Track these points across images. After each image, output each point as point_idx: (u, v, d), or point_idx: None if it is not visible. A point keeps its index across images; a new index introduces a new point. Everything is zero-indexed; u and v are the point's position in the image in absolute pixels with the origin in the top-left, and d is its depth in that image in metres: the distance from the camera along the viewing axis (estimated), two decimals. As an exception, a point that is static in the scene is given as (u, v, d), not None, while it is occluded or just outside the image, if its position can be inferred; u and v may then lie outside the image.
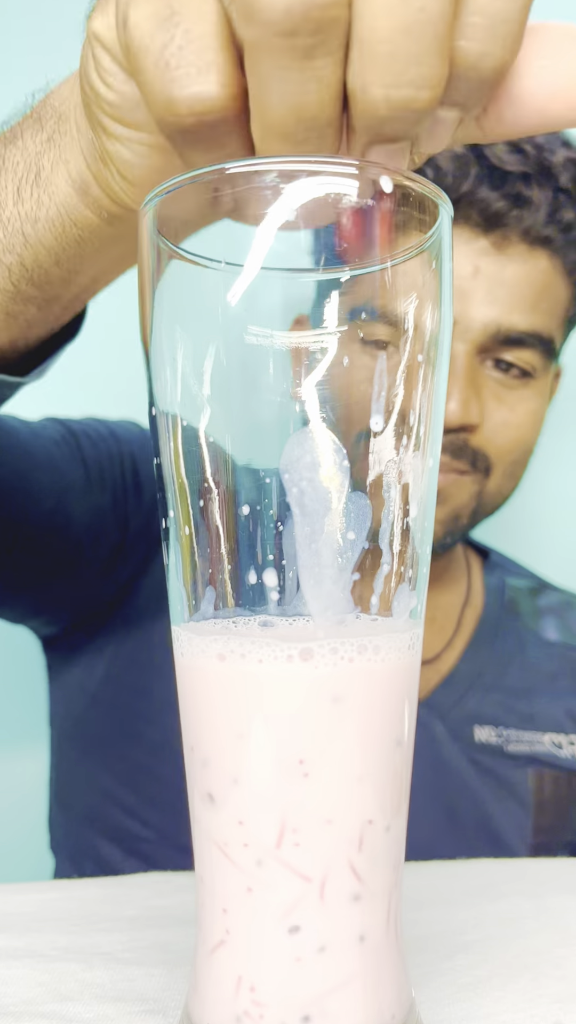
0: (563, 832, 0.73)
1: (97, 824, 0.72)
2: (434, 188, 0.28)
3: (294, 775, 0.26)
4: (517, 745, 0.72)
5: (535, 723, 0.74)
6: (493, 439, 0.68)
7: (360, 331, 0.27)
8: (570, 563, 0.97)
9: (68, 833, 0.75)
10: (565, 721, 0.75)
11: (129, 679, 0.72)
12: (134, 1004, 0.35)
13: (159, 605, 0.71)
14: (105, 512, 0.69)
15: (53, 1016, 0.34)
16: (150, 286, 0.29)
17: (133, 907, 0.46)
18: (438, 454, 0.30)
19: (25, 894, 0.48)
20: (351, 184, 0.26)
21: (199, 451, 0.28)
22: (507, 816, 0.71)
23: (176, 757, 0.74)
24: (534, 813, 0.71)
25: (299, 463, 0.27)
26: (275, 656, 0.26)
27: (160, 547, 0.71)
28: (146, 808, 0.70)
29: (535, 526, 1.00)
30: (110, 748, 0.72)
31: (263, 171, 0.26)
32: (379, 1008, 0.28)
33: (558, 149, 0.67)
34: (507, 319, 0.66)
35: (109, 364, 0.86)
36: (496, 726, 0.73)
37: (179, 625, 0.29)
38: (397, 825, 0.29)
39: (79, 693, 0.74)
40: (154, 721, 0.70)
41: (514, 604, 0.81)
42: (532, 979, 0.37)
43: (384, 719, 0.27)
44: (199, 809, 0.29)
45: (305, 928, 0.27)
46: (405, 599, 0.28)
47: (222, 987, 0.28)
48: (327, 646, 0.26)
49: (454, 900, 0.47)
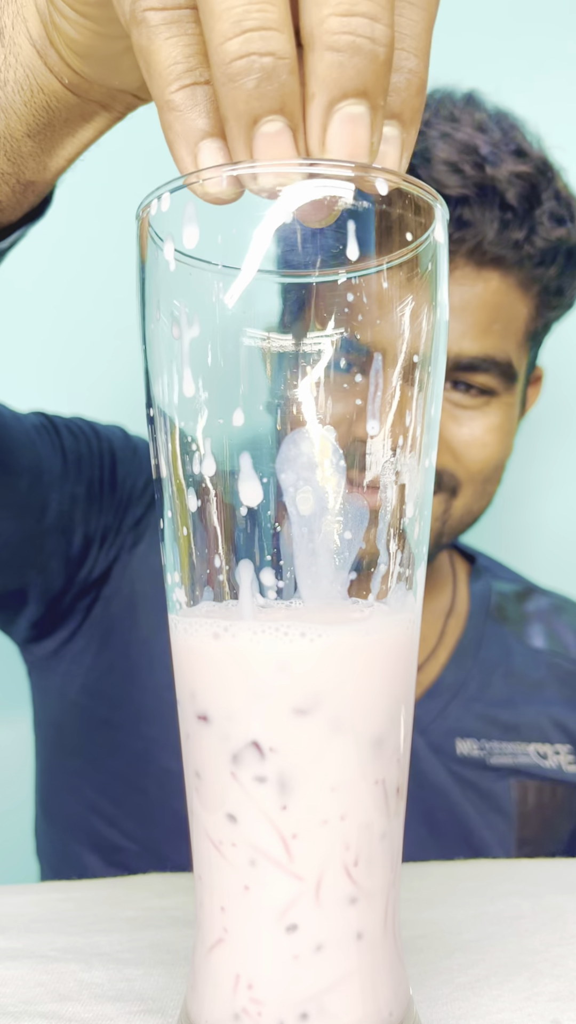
0: (547, 844, 0.72)
1: (79, 834, 0.71)
2: (429, 190, 0.28)
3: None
4: (500, 757, 0.71)
5: (520, 734, 0.73)
6: (460, 458, 0.67)
7: (356, 332, 0.28)
8: (561, 565, 0.97)
9: (51, 841, 0.75)
10: (551, 730, 0.74)
11: (107, 689, 0.71)
12: (133, 1004, 0.35)
13: (134, 615, 0.71)
14: (78, 502, 0.68)
15: (52, 1016, 0.34)
16: (148, 287, 0.29)
17: (132, 908, 0.46)
18: (434, 455, 0.30)
19: (24, 895, 0.48)
20: (346, 187, 0.26)
21: (196, 451, 0.28)
22: (489, 830, 0.70)
23: (155, 768, 0.73)
24: (517, 825, 0.70)
25: (295, 463, 0.27)
26: (266, 629, 0.26)
27: (131, 554, 0.72)
28: (126, 819, 0.69)
29: (525, 528, 1.00)
30: (90, 759, 0.71)
31: (260, 174, 0.26)
32: (377, 1005, 0.28)
33: (503, 162, 0.63)
34: (456, 345, 0.64)
35: (108, 364, 0.87)
36: (479, 739, 0.71)
37: (175, 613, 0.30)
38: (393, 827, 0.29)
39: (59, 701, 0.74)
40: (133, 732, 0.69)
41: (500, 610, 0.80)
42: (529, 978, 0.37)
43: (376, 712, 0.28)
44: (194, 800, 0.29)
45: (302, 927, 0.27)
46: (401, 598, 0.29)
47: (220, 985, 0.28)
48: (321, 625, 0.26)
49: (452, 900, 0.47)
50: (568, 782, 0.73)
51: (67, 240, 0.84)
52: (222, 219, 0.28)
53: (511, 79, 0.75)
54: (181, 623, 0.29)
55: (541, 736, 0.73)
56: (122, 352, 0.82)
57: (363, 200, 0.27)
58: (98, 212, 0.84)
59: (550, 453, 0.97)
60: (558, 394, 0.92)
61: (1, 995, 0.36)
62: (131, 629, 0.71)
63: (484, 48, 0.88)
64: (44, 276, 0.85)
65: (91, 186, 0.84)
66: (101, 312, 0.83)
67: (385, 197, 0.27)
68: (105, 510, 0.71)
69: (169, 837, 0.66)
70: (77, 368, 0.86)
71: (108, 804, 0.70)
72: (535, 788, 0.71)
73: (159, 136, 0.28)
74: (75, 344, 0.85)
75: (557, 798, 0.72)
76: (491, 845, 0.70)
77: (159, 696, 0.68)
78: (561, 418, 0.95)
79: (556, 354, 0.83)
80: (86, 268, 0.87)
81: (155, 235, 0.29)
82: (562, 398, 0.93)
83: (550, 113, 0.71)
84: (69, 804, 0.72)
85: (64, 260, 0.86)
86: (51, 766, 0.75)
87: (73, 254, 0.87)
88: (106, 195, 0.81)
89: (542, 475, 0.98)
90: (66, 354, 0.85)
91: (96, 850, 0.70)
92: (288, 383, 0.27)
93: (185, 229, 0.28)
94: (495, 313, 0.65)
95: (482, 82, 0.69)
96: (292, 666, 0.26)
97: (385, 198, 0.27)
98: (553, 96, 0.87)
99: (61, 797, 0.73)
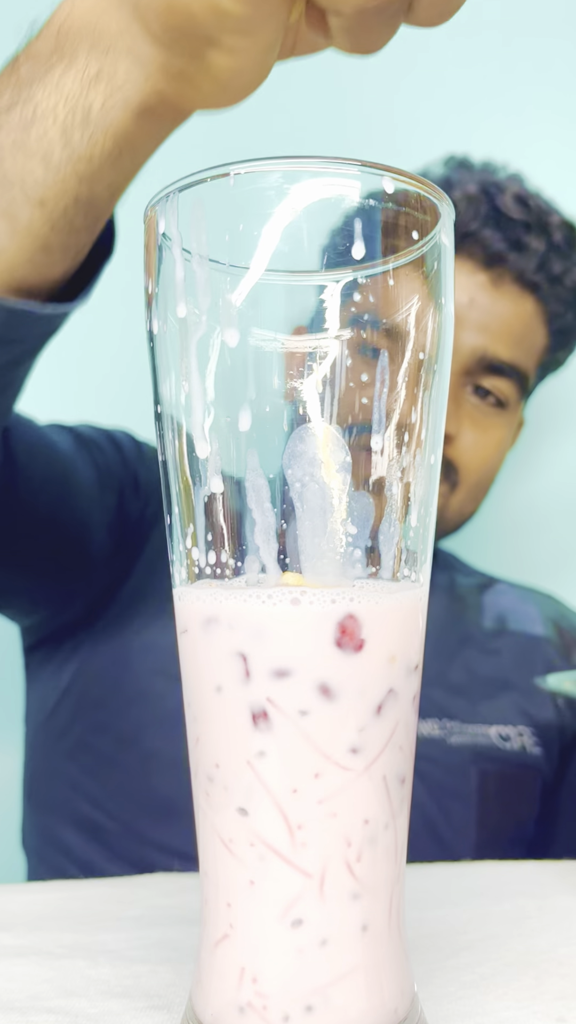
0: (509, 829, 0.73)
1: (62, 815, 0.72)
2: (435, 189, 0.28)
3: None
4: (460, 737, 0.72)
5: (480, 716, 0.74)
6: (464, 455, 0.75)
7: (363, 331, 0.28)
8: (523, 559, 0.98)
9: (35, 825, 0.76)
10: (512, 713, 0.75)
11: (100, 672, 0.73)
12: (139, 1000, 0.35)
13: (132, 604, 0.73)
14: (110, 511, 0.72)
15: (59, 1011, 0.34)
16: (156, 287, 0.29)
17: (139, 907, 0.47)
18: (440, 453, 0.30)
19: (30, 894, 0.49)
20: (353, 185, 0.26)
21: (203, 448, 0.28)
22: (447, 816, 0.70)
23: (139, 749, 0.76)
24: (478, 811, 0.71)
25: (302, 459, 0.27)
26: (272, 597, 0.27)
27: (140, 554, 0.74)
28: (109, 800, 0.70)
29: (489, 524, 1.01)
30: (78, 738, 0.73)
31: (266, 172, 0.26)
32: (382, 999, 0.28)
33: (555, 212, 0.77)
34: (493, 348, 0.74)
35: (114, 365, 0.87)
36: (439, 718, 0.72)
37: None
38: (398, 820, 0.29)
39: (52, 689, 0.75)
40: (122, 714, 0.71)
41: (462, 600, 0.82)
42: (535, 977, 0.37)
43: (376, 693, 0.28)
44: (202, 798, 0.29)
45: (307, 921, 0.27)
46: (408, 588, 0.29)
47: (226, 979, 0.28)
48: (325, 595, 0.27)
49: (458, 900, 0.47)
50: (531, 765, 0.73)
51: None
52: (230, 218, 0.28)
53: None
54: (187, 594, 0.29)
55: (502, 719, 0.74)
56: (129, 352, 0.82)
57: (368, 198, 0.27)
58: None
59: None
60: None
61: (8, 991, 0.36)
62: (128, 618, 0.73)
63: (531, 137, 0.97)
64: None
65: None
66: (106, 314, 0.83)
67: (391, 195, 0.27)
68: (129, 518, 0.74)
69: (149, 817, 0.68)
70: (85, 369, 0.86)
71: (93, 784, 0.71)
72: (496, 774, 0.72)
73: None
74: (81, 347, 0.85)
75: (519, 783, 0.73)
76: (449, 831, 0.70)
77: (149, 681, 0.70)
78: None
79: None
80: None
81: (162, 234, 0.29)
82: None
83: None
84: (55, 786, 0.74)
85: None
86: (40, 752, 0.76)
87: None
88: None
89: (507, 479, 0.99)
90: (73, 355, 0.85)
91: (79, 829, 0.71)
92: (295, 381, 0.28)
93: (192, 228, 0.28)
94: (526, 331, 0.76)
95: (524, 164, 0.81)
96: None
97: (391, 196, 0.27)
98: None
99: (47, 780, 0.75)
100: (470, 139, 0.82)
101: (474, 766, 0.71)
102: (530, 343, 0.77)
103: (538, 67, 0.96)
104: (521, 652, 0.79)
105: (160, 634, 0.70)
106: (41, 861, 0.74)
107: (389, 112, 0.94)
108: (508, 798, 0.72)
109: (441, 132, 0.81)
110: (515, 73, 0.96)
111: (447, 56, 0.93)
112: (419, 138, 0.81)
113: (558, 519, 0.98)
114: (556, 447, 0.98)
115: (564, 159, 0.95)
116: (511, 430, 0.80)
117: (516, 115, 0.96)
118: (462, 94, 0.95)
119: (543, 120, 0.96)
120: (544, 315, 0.77)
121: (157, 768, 0.67)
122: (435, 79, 0.93)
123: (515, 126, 0.95)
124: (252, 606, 0.27)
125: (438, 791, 0.70)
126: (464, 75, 0.95)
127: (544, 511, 0.98)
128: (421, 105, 0.93)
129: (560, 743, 0.76)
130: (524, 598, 0.85)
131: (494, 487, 0.81)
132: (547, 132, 0.96)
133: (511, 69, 0.96)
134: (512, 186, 0.77)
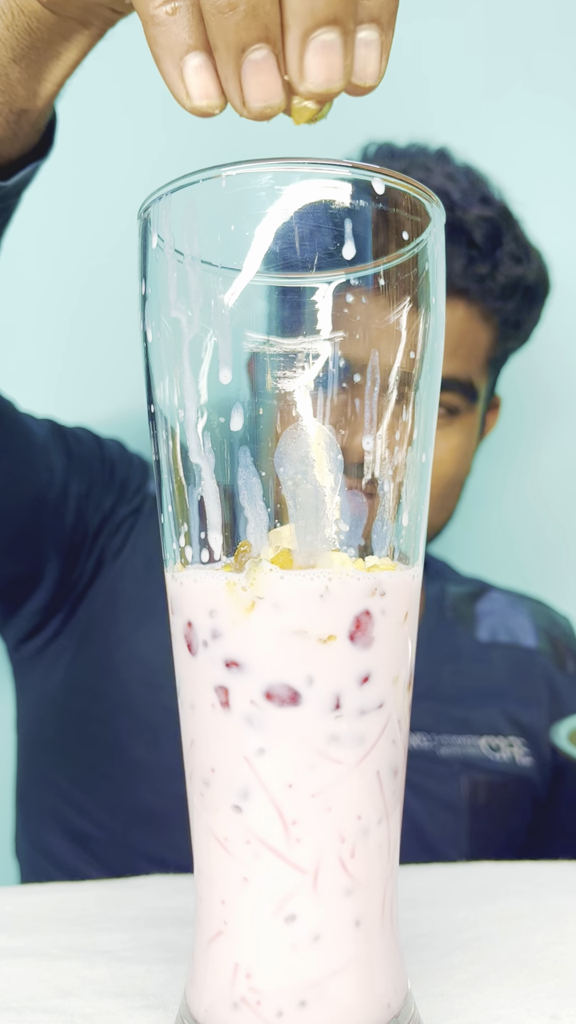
0: (500, 838, 0.72)
1: (51, 824, 0.72)
2: (426, 190, 0.28)
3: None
4: (449, 748, 0.71)
5: (469, 727, 0.73)
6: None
7: (355, 331, 0.28)
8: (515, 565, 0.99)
9: (27, 833, 0.76)
10: (503, 724, 0.74)
11: (85, 682, 0.73)
12: (134, 999, 0.35)
13: (114, 613, 0.73)
14: (78, 499, 0.72)
15: (54, 1011, 0.34)
16: (149, 287, 0.29)
17: (134, 908, 0.47)
18: (431, 451, 0.31)
19: (27, 896, 0.49)
20: (343, 187, 0.27)
21: (196, 448, 0.29)
22: (438, 825, 0.70)
23: (124, 759, 0.75)
24: (468, 821, 0.70)
25: (293, 457, 0.27)
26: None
27: (116, 556, 0.74)
28: (96, 809, 0.70)
29: (480, 532, 1.01)
30: (66, 751, 0.73)
31: (257, 173, 0.26)
32: (375, 993, 0.28)
33: (472, 207, 0.72)
34: None
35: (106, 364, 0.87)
36: (428, 732, 0.72)
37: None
38: (391, 815, 0.29)
39: (39, 698, 0.76)
40: (107, 724, 0.71)
41: (453, 610, 0.81)
42: (529, 975, 0.37)
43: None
44: (196, 798, 0.29)
45: (300, 917, 0.27)
46: (400, 588, 0.29)
47: (219, 975, 0.28)
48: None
49: (454, 900, 0.47)
50: (521, 776, 0.73)
51: (69, 241, 0.86)
52: (222, 219, 0.28)
53: (478, 138, 0.85)
54: (187, 575, 0.29)
55: (492, 729, 0.74)
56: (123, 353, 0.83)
57: (357, 199, 0.27)
58: (101, 211, 0.85)
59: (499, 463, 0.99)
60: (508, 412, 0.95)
61: (4, 991, 0.36)
62: (110, 627, 0.73)
63: (455, 109, 0.96)
64: (45, 277, 0.85)
65: (93, 186, 0.85)
66: (104, 313, 0.84)
67: (382, 196, 0.27)
68: (101, 507, 0.74)
69: (136, 827, 0.68)
70: (80, 370, 0.86)
71: (80, 794, 0.71)
72: (486, 784, 0.71)
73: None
74: (77, 346, 0.85)
75: (510, 793, 0.72)
76: (440, 841, 0.69)
77: (133, 691, 0.70)
78: (510, 433, 0.97)
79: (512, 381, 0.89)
80: (89, 269, 0.88)
81: (156, 236, 0.29)
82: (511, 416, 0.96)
83: (511, 171, 0.81)
84: (44, 796, 0.74)
85: (66, 261, 0.87)
86: (29, 761, 0.77)
87: (75, 255, 0.88)
88: (107, 193, 0.83)
89: (496, 484, 1.00)
90: (69, 357, 0.86)
91: (67, 838, 0.71)
92: (287, 382, 0.28)
93: (185, 230, 0.29)
94: (460, 338, 0.72)
95: (452, 139, 0.78)
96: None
97: (382, 196, 0.27)
98: (513, 155, 0.94)
99: (37, 790, 0.75)
100: (460, 142, 0.81)
101: (464, 776, 0.71)
102: (468, 349, 0.73)
103: (528, 72, 0.97)
104: (513, 664, 0.78)
105: (144, 643, 0.70)
106: (32, 870, 0.74)
107: (382, 113, 0.94)
108: (498, 808, 0.72)
109: (433, 134, 0.80)
110: (506, 78, 0.97)
111: (439, 59, 0.93)
112: (413, 138, 0.81)
113: (549, 523, 0.98)
114: (548, 449, 0.98)
115: (552, 164, 0.96)
116: (470, 431, 0.76)
117: (506, 124, 0.96)
118: (453, 98, 0.96)
119: (532, 126, 0.97)
120: (481, 313, 0.73)
121: (143, 778, 0.67)
122: (426, 82, 0.94)
123: (504, 132, 0.96)
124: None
125: (429, 801, 0.70)
126: (454, 80, 0.95)
127: (535, 515, 0.98)
128: (413, 107, 0.94)
129: (554, 754, 0.75)
130: (516, 607, 0.84)
131: (485, 490, 0.80)
132: (537, 137, 0.96)
133: (502, 75, 0.97)
134: (434, 179, 0.72)
